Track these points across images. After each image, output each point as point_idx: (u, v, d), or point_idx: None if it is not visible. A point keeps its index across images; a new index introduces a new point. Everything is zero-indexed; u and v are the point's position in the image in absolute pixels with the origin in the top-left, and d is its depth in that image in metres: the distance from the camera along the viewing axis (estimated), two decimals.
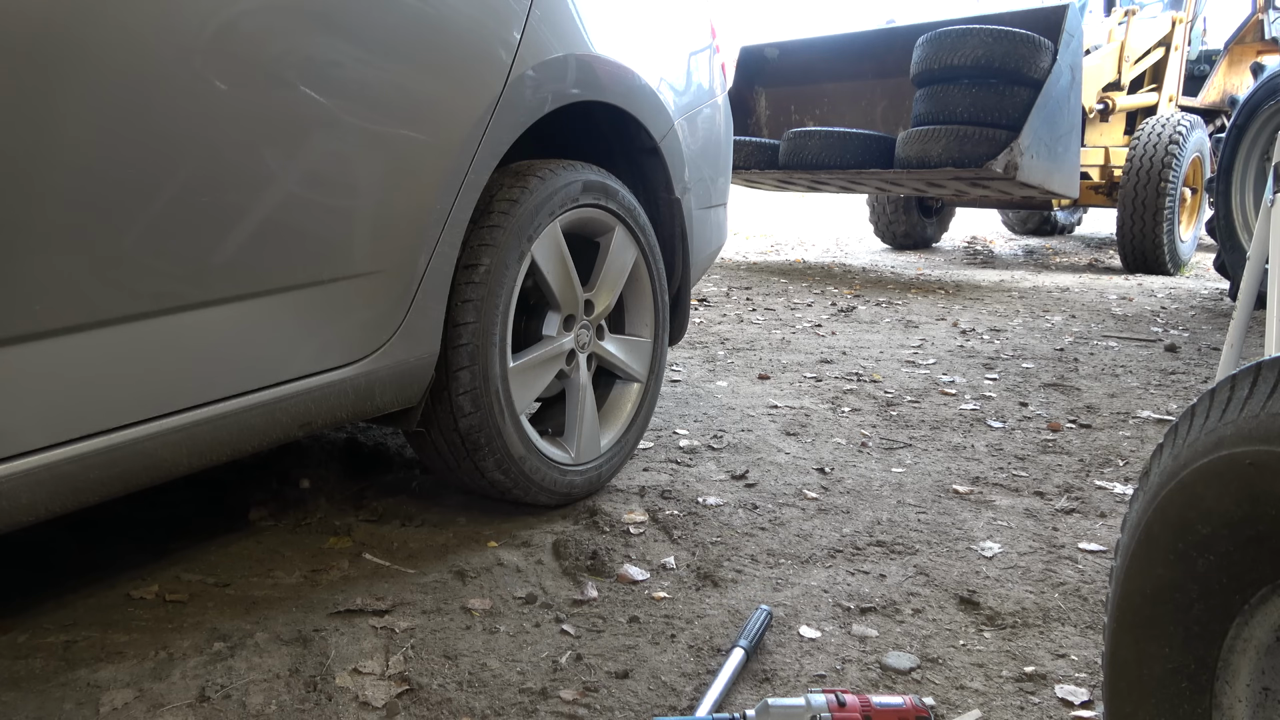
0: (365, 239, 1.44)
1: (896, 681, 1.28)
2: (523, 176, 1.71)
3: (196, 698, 1.21)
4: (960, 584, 1.57)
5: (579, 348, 1.87)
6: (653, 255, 2.04)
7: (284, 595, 1.49)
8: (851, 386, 2.95)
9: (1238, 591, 0.74)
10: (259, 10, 1.25)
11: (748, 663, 1.30)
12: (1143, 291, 5.23)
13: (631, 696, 1.24)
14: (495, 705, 1.21)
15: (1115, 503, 1.95)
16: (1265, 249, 1.74)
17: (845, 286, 5.41)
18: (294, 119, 1.30)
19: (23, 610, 1.42)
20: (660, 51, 2.07)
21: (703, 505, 1.91)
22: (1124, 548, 0.85)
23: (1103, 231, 9.01)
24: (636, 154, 2.08)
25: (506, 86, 1.60)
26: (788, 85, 6.61)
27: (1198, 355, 3.47)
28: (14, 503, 1.08)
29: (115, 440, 1.17)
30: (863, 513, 1.89)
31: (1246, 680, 0.76)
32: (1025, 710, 1.22)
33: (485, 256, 1.62)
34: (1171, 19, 6.60)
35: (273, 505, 1.84)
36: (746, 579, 1.58)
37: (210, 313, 1.25)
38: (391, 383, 1.52)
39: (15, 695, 1.21)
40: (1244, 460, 0.70)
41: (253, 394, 1.32)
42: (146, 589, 1.49)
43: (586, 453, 1.89)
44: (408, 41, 1.46)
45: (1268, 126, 4.20)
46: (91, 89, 1.08)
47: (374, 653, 1.32)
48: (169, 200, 1.17)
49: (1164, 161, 5.71)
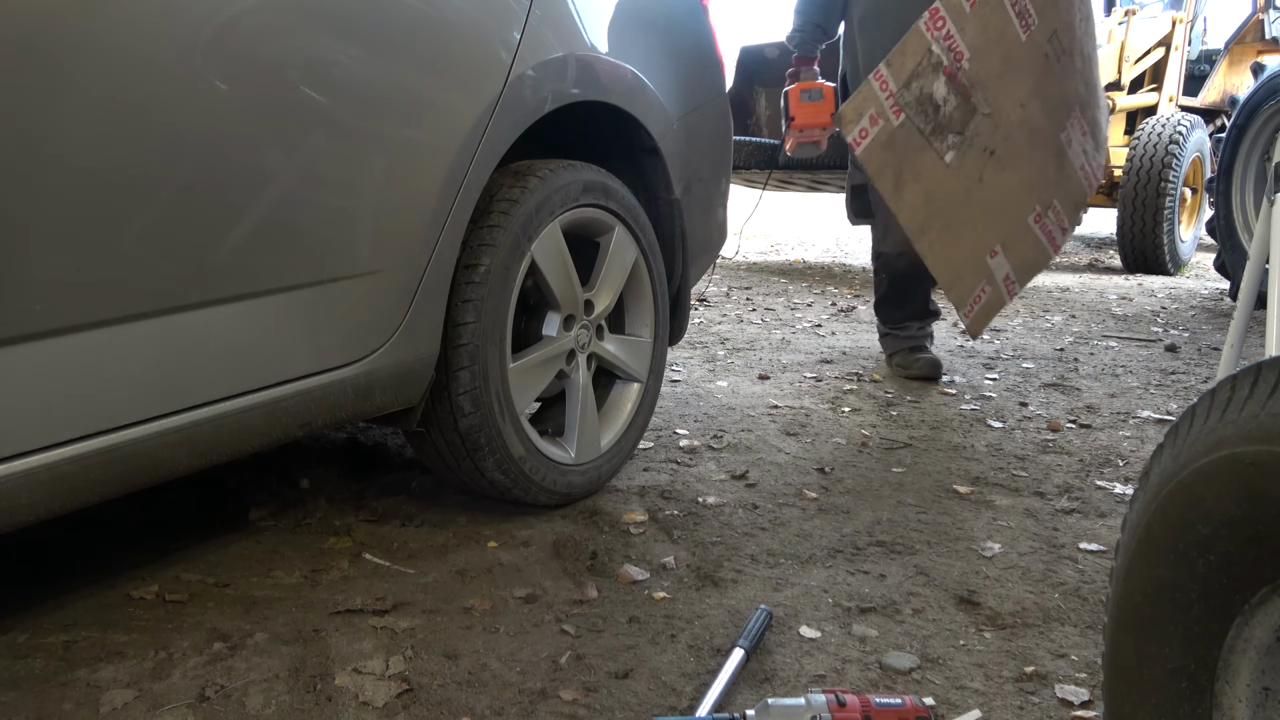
0: (365, 239, 1.44)
1: (896, 681, 1.28)
2: (523, 176, 1.71)
3: (196, 698, 1.21)
4: (960, 584, 1.57)
5: (579, 348, 1.87)
6: (653, 255, 2.04)
7: (284, 595, 1.49)
8: (851, 386, 2.95)
9: (1238, 591, 0.74)
10: (259, 10, 1.25)
11: (748, 663, 1.30)
12: (1143, 291, 5.23)
13: (631, 696, 1.24)
14: (495, 705, 1.21)
15: (1115, 503, 1.95)
16: (1265, 249, 1.74)
17: (845, 286, 5.41)
18: (294, 119, 1.30)
19: (23, 610, 1.42)
20: (660, 51, 2.07)
21: (703, 505, 1.91)
22: (1124, 548, 0.85)
23: (1103, 231, 9.00)
24: (636, 154, 2.08)
25: (506, 86, 1.60)
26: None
27: (1198, 355, 3.47)
28: (14, 503, 1.08)
29: (115, 440, 1.17)
30: (863, 513, 1.89)
31: (1246, 680, 0.76)
32: (1025, 710, 1.22)
33: (485, 256, 1.62)
34: (1171, 19, 6.59)
35: (273, 505, 1.84)
36: (746, 579, 1.58)
37: (210, 313, 1.25)
38: (391, 383, 1.52)
39: (15, 695, 1.21)
40: (1244, 460, 0.70)
41: (253, 394, 1.32)
42: (146, 589, 1.49)
43: (586, 453, 1.89)
44: (408, 41, 1.46)
45: (1268, 126, 4.19)
46: (92, 88, 1.08)
47: (374, 653, 1.32)
48: (169, 200, 1.17)
49: (1164, 161, 5.70)
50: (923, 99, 2.16)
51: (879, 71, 2.12)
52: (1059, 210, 2.60)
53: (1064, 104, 2.47)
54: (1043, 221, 2.57)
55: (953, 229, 2.38)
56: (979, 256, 2.48)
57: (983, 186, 2.34)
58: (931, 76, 2.16)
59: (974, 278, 2.48)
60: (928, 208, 2.30)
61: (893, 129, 2.15)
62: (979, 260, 2.48)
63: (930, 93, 2.17)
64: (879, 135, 2.13)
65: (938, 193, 2.29)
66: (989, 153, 2.31)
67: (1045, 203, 2.53)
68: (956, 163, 2.26)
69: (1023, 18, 2.26)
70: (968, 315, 2.51)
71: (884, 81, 2.12)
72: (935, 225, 2.35)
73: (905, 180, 2.23)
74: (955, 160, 2.26)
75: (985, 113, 2.26)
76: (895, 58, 2.13)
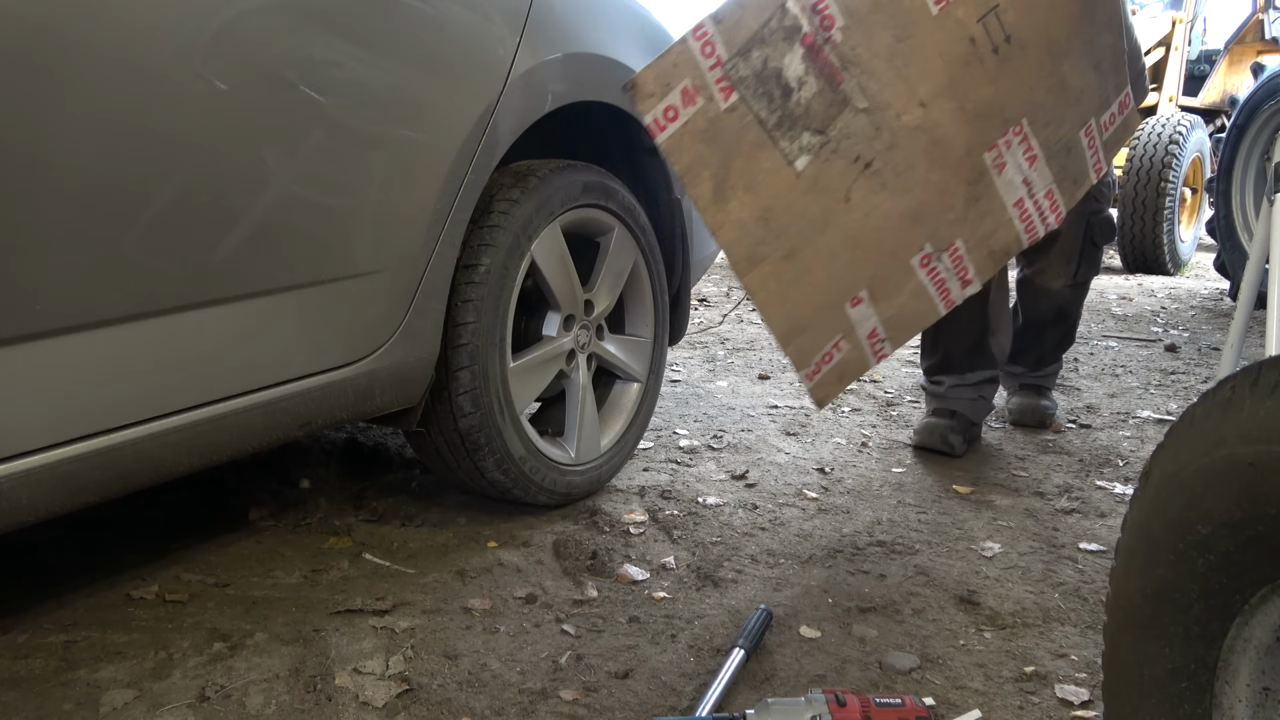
0: (365, 239, 1.44)
1: (896, 681, 1.28)
2: (523, 176, 1.71)
3: (196, 698, 1.21)
4: (960, 584, 1.57)
5: (579, 348, 1.87)
6: (653, 255, 2.04)
7: (284, 595, 1.49)
8: (851, 386, 2.95)
9: (1238, 591, 0.74)
10: (259, 10, 1.25)
11: (748, 663, 1.30)
12: (1143, 291, 5.23)
13: (631, 696, 1.24)
14: (495, 705, 1.21)
15: (1115, 503, 1.95)
16: (1265, 249, 1.74)
17: None
18: (294, 119, 1.30)
19: (23, 610, 1.42)
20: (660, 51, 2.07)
21: (703, 505, 1.91)
22: (1124, 548, 0.85)
23: None
24: (636, 154, 2.08)
25: (506, 86, 1.60)
26: None
27: (1198, 355, 3.47)
28: (14, 503, 1.08)
29: (115, 440, 1.17)
30: (863, 513, 1.89)
31: (1246, 680, 0.76)
32: (1025, 710, 1.22)
33: (485, 256, 1.62)
34: (1171, 19, 6.59)
35: (273, 505, 1.84)
36: (746, 579, 1.58)
37: (210, 313, 1.25)
38: (391, 383, 1.52)
39: (15, 695, 1.21)
40: (1244, 460, 0.70)
41: (253, 394, 1.32)
42: (146, 589, 1.49)
43: (586, 453, 1.89)
44: (407, 42, 1.46)
45: (1268, 126, 4.19)
46: (92, 88, 1.08)
47: (374, 653, 1.32)
48: (169, 200, 1.17)
49: (1164, 161, 5.71)
50: (766, 75, 1.54)
51: (702, 26, 1.48)
52: (962, 255, 1.86)
53: (1000, 113, 1.76)
54: (932, 266, 1.85)
55: (798, 262, 1.75)
56: (834, 303, 1.79)
57: (849, 209, 1.70)
58: (783, 45, 1.53)
59: (825, 330, 1.79)
60: (763, 229, 1.70)
61: (717, 113, 1.54)
62: (834, 308, 1.79)
63: (779, 68, 1.54)
64: (694, 119, 1.53)
65: (779, 210, 1.68)
66: (863, 164, 1.67)
67: (941, 242, 1.83)
68: (812, 172, 1.64)
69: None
70: (811, 378, 1.78)
71: (708, 42, 1.48)
72: (773, 254, 1.73)
73: (732, 187, 1.64)
74: (810, 168, 1.63)
75: (861, 107, 1.62)
76: (730, 9, 1.50)
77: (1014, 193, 1.85)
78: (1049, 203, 1.90)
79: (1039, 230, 1.89)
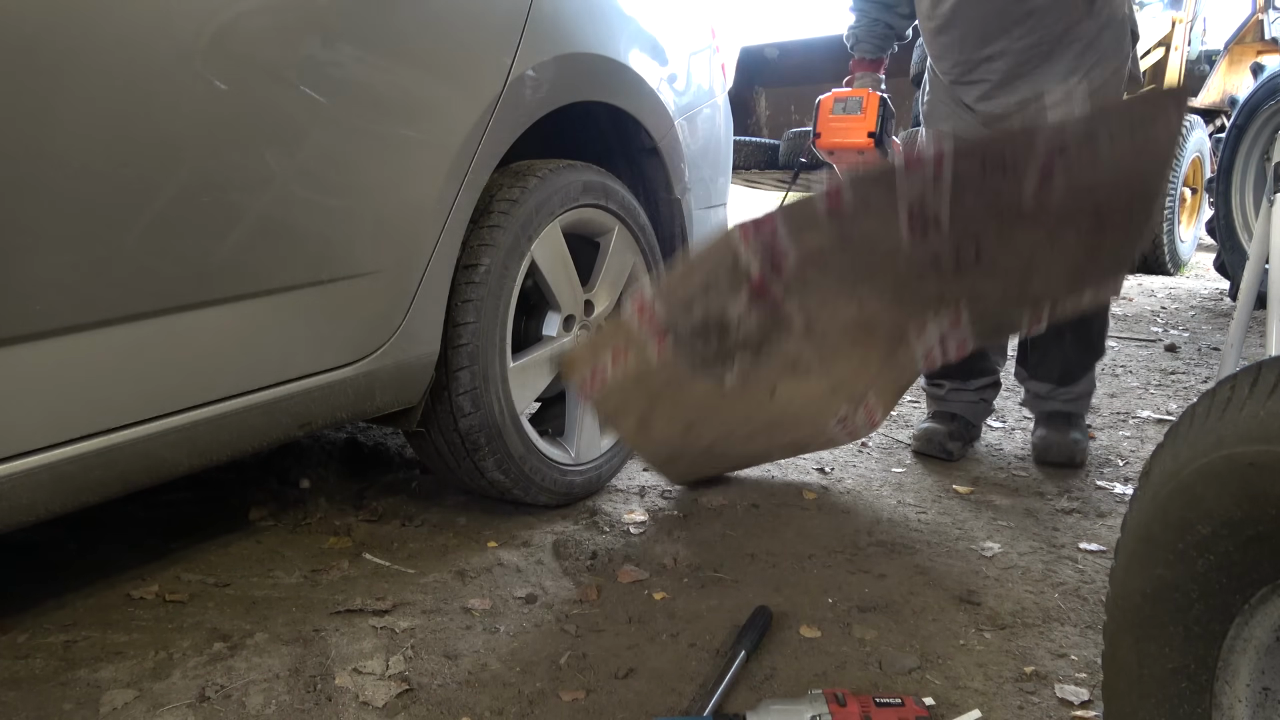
0: (365, 239, 1.44)
1: (896, 681, 1.28)
2: (523, 176, 1.71)
3: (196, 698, 1.21)
4: (960, 584, 1.57)
5: None
6: (653, 255, 2.04)
7: (284, 595, 1.49)
8: None
9: (1238, 591, 0.75)
10: (259, 10, 1.25)
11: (748, 663, 1.30)
12: (1143, 291, 5.23)
13: (632, 696, 1.24)
14: (495, 705, 1.21)
15: (1115, 503, 1.95)
16: (1265, 249, 1.74)
17: None
18: (294, 119, 1.30)
19: (23, 610, 1.42)
20: (660, 51, 2.07)
21: (703, 505, 1.90)
22: (1124, 548, 0.85)
23: None
24: (636, 154, 2.08)
25: (506, 86, 1.60)
26: (788, 85, 6.60)
27: (1198, 355, 3.47)
28: (14, 503, 1.08)
29: (115, 440, 1.17)
30: (863, 513, 1.89)
31: (1246, 680, 0.76)
32: (1025, 710, 1.22)
33: (485, 256, 1.62)
34: (1171, 19, 6.58)
35: (273, 505, 1.84)
36: (746, 579, 1.58)
37: (210, 313, 1.25)
38: (391, 383, 1.52)
39: (15, 695, 1.21)
40: (1244, 460, 0.70)
41: (253, 394, 1.32)
42: (146, 589, 1.49)
43: (586, 453, 1.89)
44: (407, 42, 1.46)
45: (1268, 126, 4.19)
46: (92, 88, 1.08)
47: (374, 653, 1.32)
48: (169, 200, 1.17)
49: None
50: (705, 326, 1.48)
51: (641, 299, 1.45)
52: (871, 404, 1.89)
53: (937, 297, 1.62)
54: (848, 422, 1.91)
55: (714, 452, 1.85)
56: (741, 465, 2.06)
57: (774, 401, 1.70)
58: (727, 295, 1.45)
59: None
60: (684, 438, 1.74)
61: (649, 366, 1.51)
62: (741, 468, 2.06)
63: (720, 313, 1.47)
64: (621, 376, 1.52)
65: (701, 420, 1.71)
66: (789, 365, 1.63)
67: (856, 399, 1.83)
68: (740, 383, 1.61)
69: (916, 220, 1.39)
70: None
71: (647, 312, 1.45)
72: (691, 453, 1.81)
73: (658, 418, 1.66)
74: (738, 381, 1.60)
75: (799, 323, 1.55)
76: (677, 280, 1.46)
77: (927, 345, 1.75)
78: (956, 346, 1.76)
79: (937, 364, 1.81)
